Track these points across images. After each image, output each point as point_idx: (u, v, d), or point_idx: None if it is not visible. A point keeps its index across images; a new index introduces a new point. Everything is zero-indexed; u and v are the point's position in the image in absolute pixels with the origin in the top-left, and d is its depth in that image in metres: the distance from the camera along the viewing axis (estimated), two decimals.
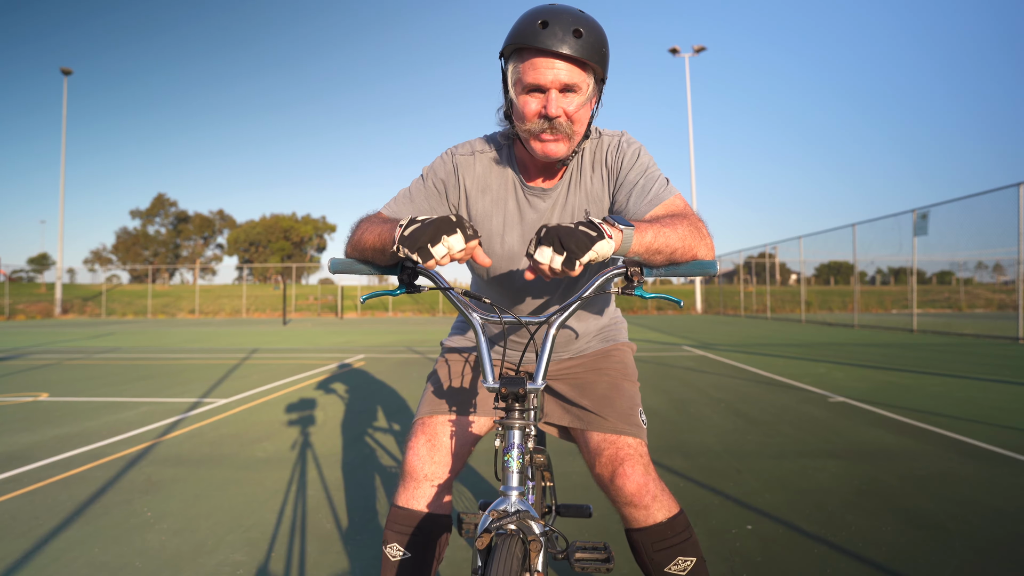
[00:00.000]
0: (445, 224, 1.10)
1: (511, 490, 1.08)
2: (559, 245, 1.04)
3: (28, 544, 2.43)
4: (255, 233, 65.30)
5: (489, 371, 1.14)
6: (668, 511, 1.35)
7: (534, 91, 1.28)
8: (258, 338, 15.24)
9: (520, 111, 1.30)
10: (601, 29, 1.29)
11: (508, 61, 1.32)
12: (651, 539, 1.35)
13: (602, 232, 1.05)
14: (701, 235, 1.21)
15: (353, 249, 1.34)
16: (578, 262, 1.04)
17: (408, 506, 1.40)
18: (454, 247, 1.10)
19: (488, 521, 1.03)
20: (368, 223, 1.32)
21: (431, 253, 1.10)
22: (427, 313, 34.16)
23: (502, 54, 1.33)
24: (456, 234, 1.10)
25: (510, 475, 1.08)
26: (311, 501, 2.92)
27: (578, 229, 1.05)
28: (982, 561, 2.22)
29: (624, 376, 1.55)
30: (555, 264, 1.05)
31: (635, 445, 1.39)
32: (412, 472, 1.41)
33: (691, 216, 1.26)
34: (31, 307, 34.41)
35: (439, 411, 1.49)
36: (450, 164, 1.47)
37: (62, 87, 35.67)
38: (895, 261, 27.72)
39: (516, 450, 1.09)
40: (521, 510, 1.04)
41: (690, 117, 34.07)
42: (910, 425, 4.42)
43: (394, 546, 1.39)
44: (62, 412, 5.19)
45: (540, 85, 1.26)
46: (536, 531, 1.01)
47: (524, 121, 1.30)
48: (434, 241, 1.09)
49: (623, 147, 1.43)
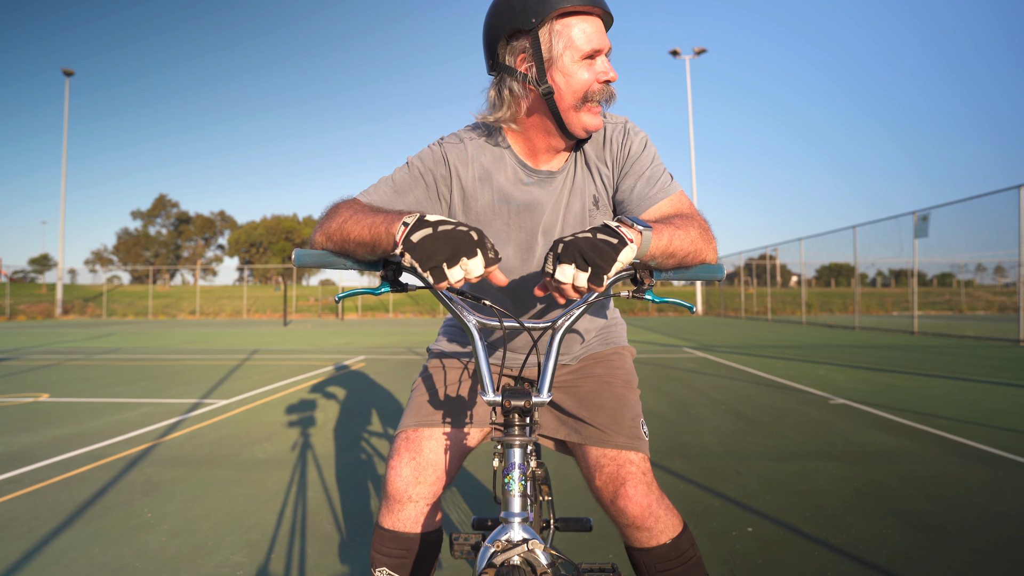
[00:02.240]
0: (465, 244, 0.95)
1: (513, 516, 0.97)
2: (582, 261, 0.94)
3: (28, 545, 2.43)
4: (256, 234, 65.34)
5: (488, 382, 1.02)
6: (672, 531, 1.28)
7: (589, 58, 1.20)
8: (259, 339, 15.24)
9: (579, 81, 1.20)
10: None
11: (540, 31, 1.19)
12: (655, 560, 1.28)
13: (623, 238, 0.97)
14: (708, 238, 1.17)
15: (328, 239, 1.15)
16: (606, 277, 0.95)
17: (394, 528, 1.30)
18: (472, 272, 0.96)
19: (490, 553, 0.94)
20: (350, 210, 1.15)
21: (446, 275, 0.95)
22: (428, 314, 34.14)
23: (523, 29, 1.19)
24: (476, 257, 0.95)
25: (511, 500, 0.98)
26: (311, 502, 2.92)
27: (598, 239, 0.95)
28: (982, 563, 2.21)
29: (625, 385, 1.44)
30: (579, 282, 0.95)
31: (637, 461, 1.30)
32: (396, 494, 1.29)
33: (698, 218, 1.21)
34: (32, 308, 34.43)
35: (425, 423, 1.36)
36: (439, 153, 1.34)
37: (63, 87, 35.80)
38: (896, 263, 27.70)
39: (517, 471, 0.99)
40: (527, 539, 0.95)
41: (691, 119, 34.11)
42: (911, 427, 4.42)
43: (383, 570, 1.30)
44: (62, 413, 5.19)
45: (598, 49, 1.19)
46: (544, 562, 0.93)
47: (584, 92, 1.21)
48: (451, 262, 0.95)
49: (630, 133, 1.34)
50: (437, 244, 0.95)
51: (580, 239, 0.96)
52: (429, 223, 0.99)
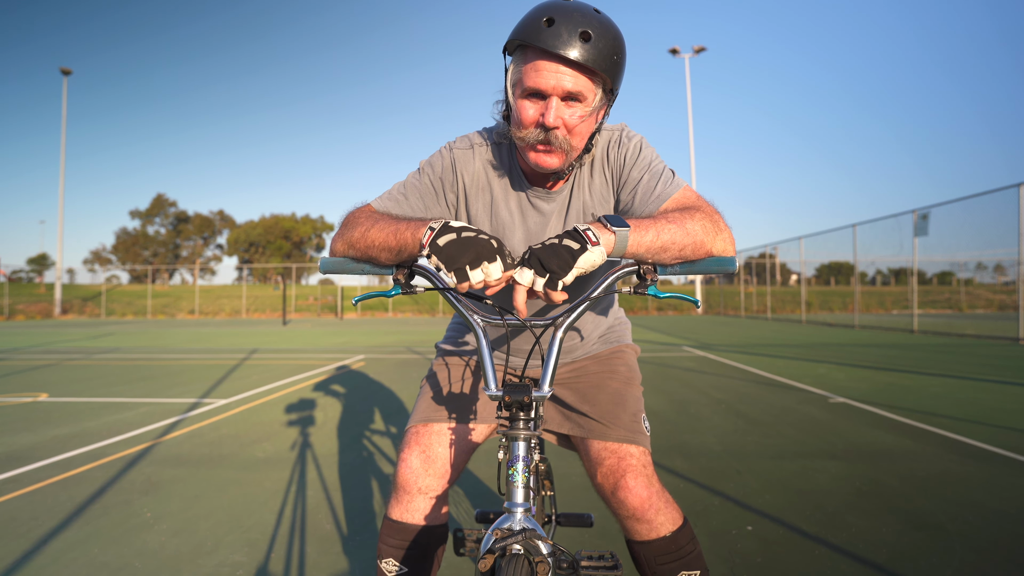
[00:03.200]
0: (486, 249, 1.02)
1: (516, 507, 1.02)
2: (540, 266, 0.99)
3: (27, 544, 2.43)
4: (255, 233, 65.30)
5: (491, 378, 1.08)
6: (672, 524, 1.30)
7: (534, 96, 1.18)
8: (258, 338, 15.24)
9: (517, 116, 1.20)
10: (616, 33, 1.17)
11: (511, 58, 1.22)
12: (655, 553, 1.30)
13: (585, 242, 0.99)
14: (716, 228, 1.12)
15: (350, 247, 1.21)
16: (561, 282, 0.99)
17: (402, 520, 1.34)
18: (491, 275, 1.03)
19: (492, 541, 0.97)
20: (371, 219, 1.20)
21: (468, 276, 1.02)
22: (427, 313, 34.15)
23: (505, 49, 1.22)
24: (496, 262, 1.02)
25: (515, 490, 1.03)
26: (311, 502, 2.92)
27: (561, 244, 1.00)
28: (982, 562, 2.21)
29: (628, 381, 1.48)
30: (537, 286, 1.00)
31: (638, 455, 1.33)
32: (405, 485, 1.34)
33: (705, 208, 1.16)
34: (31, 307, 34.40)
35: (434, 419, 1.41)
36: (448, 159, 1.37)
37: (61, 87, 35.73)
38: (895, 262, 27.75)
39: (521, 463, 1.04)
40: (527, 528, 0.98)
41: (690, 117, 34.09)
42: (910, 426, 4.42)
43: (390, 561, 1.34)
44: (62, 412, 5.18)
45: (540, 90, 1.16)
46: (543, 551, 0.96)
47: (520, 127, 1.20)
48: (473, 264, 1.02)
49: (624, 142, 1.33)
50: (461, 248, 1.03)
51: (545, 246, 1.01)
52: (453, 228, 1.05)
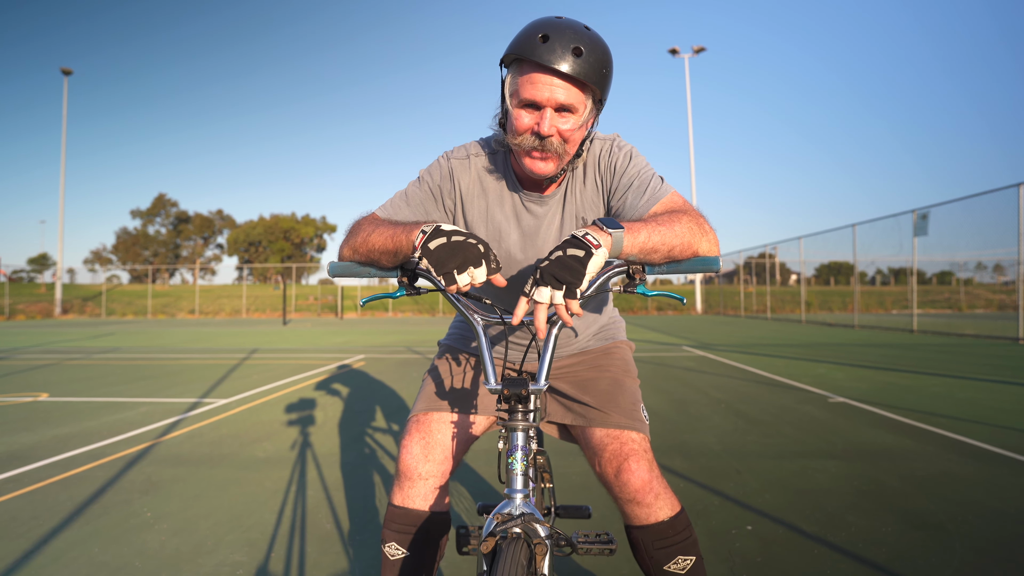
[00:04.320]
0: (473, 255, 1.11)
1: (515, 493, 1.08)
2: (554, 280, 1.04)
3: (28, 544, 2.43)
4: (255, 233, 65.31)
5: (491, 372, 1.14)
6: (670, 509, 1.36)
7: (529, 106, 1.26)
8: (258, 338, 15.24)
9: (513, 124, 1.29)
10: (605, 48, 1.26)
11: (508, 70, 1.30)
12: (652, 537, 1.35)
13: (589, 248, 1.05)
14: (702, 230, 1.20)
15: (354, 252, 1.31)
16: (579, 290, 1.04)
17: (404, 505, 1.40)
18: (476, 278, 1.11)
19: (492, 525, 1.02)
20: (372, 225, 1.30)
21: (455, 279, 1.11)
22: (427, 313, 34.15)
23: (502, 62, 1.31)
24: (481, 267, 1.11)
25: (515, 478, 1.09)
26: (311, 501, 2.92)
27: (567, 255, 1.05)
28: (982, 562, 2.21)
29: (625, 373, 1.55)
30: (556, 300, 1.05)
31: (639, 440, 1.40)
32: (407, 471, 1.41)
33: (691, 211, 1.25)
34: (31, 307, 34.41)
35: (435, 408, 1.48)
36: (446, 168, 1.46)
37: (62, 86, 35.72)
38: (895, 261, 27.73)
39: (520, 452, 1.10)
40: (526, 513, 1.04)
41: (690, 117, 34.11)
42: (910, 426, 4.42)
43: (393, 545, 1.39)
44: (62, 412, 5.18)
45: (535, 101, 1.24)
46: (541, 534, 1.01)
47: (516, 135, 1.29)
48: (460, 269, 1.10)
49: (615, 151, 1.42)
50: (449, 252, 1.11)
51: (553, 261, 1.05)
52: (444, 232, 1.13)
